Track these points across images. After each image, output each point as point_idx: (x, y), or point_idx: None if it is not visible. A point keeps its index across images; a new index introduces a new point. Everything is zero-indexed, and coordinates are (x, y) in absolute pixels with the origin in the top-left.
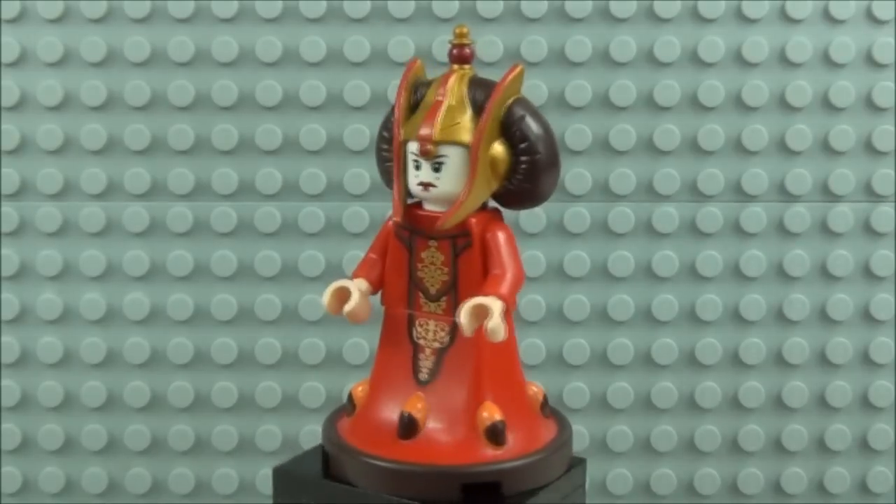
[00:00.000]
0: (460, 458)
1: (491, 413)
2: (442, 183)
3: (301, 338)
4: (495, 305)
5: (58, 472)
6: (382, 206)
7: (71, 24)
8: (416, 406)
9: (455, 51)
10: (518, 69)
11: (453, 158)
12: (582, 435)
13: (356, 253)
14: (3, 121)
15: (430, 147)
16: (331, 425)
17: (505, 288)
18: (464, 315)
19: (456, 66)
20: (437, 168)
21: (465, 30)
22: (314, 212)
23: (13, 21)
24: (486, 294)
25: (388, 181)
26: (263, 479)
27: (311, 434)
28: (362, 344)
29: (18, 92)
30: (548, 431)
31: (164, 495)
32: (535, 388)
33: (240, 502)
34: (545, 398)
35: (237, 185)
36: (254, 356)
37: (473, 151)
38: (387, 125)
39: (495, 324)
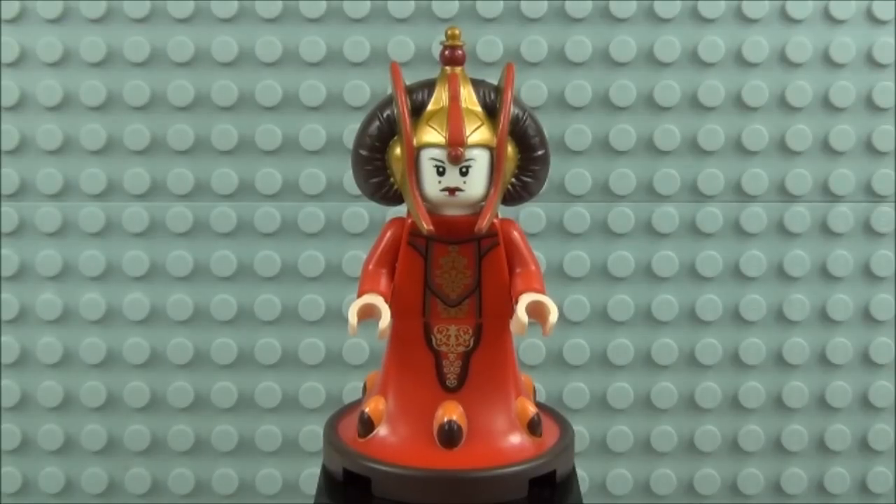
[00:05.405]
0: (522, 455)
1: (526, 406)
2: (468, 186)
3: (301, 338)
4: (551, 302)
5: (58, 472)
6: (382, 207)
7: (71, 24)
8: (456, 412)
9: (447, 52)
10: (513, 68)
11: (479, 161)
12: (582, 435)
13: (356, 253)
14: (3, 121)
15: (461, 151)
16: (348, 448)
17: (542, 284)
18: (525, 314)
19: (448, 68)
20: (464, 172)
21: (457, 31)
22: (314, 212)
23: (13, 21)
24: (534, 291)
25: (377, 194)
26: (263, 479)
27: (310, 434)
28: (362, 344)
29: (18, 92)
30: (546, 416)
31: (164, 495)
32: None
33: (240, 502)
34: (534, 388)
35: (237, 185)
36: (254, 356)
37: (499, 152)
38: (372, 139)
39: (555, 319)
